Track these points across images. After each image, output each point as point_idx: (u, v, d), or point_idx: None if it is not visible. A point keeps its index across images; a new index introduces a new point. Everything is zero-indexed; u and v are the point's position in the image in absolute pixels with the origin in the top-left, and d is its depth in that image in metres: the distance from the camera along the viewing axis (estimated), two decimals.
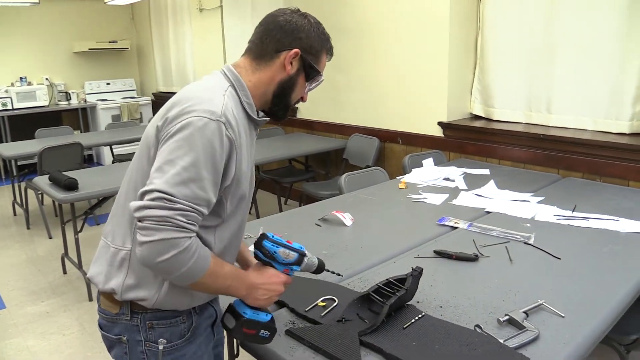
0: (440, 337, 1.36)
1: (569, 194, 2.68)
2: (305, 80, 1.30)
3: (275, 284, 1.25)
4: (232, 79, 1.25)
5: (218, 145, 1.11)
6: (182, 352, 1.28)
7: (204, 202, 1.11)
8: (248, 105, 1.25)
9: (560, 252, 1.93)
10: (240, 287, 1.22)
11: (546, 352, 1.31)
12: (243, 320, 1.23)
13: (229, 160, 1.16)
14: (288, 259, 1.26)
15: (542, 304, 1.53)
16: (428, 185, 2.92)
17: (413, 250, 2.00)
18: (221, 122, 1.12)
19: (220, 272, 1.17)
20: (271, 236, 1.26)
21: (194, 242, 1.10)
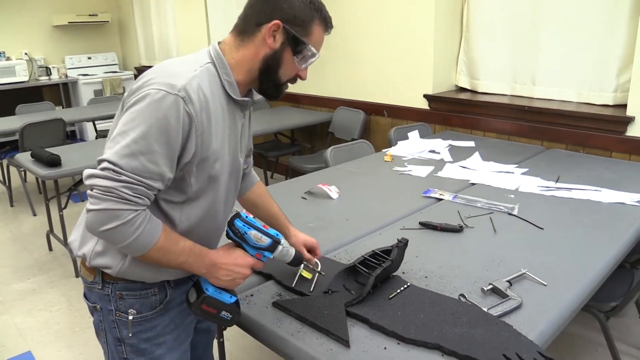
0: (425, 306, 1.38)
1: (552, 165, 2.71)
2: (292, 55, 1.22)
3: (240, 265, 1.21)
4: (214, 55, 1.21)
5: (174, 119, 1.08)
6: (152, 324, 1.27)
7: (156, 175, 1.09)
8: (228, 84, 1.21)
9: (544, 222, 1.96)
10: (199, 264, 1.19)
11: (528, 320, 1.34)
12: (203, 296, 1.20)
13: (188, 137, 1.11)
14: (260, 243, 1.22)
15: (525, 273, 1.56)
16: (414, 157, 2.93)
17: (399, 222, 2.01)
18: (179, 96, 1.08)
19: (172, 248, 1.14)
20: (245, 216, 1.22)
21: (140, 216, 1.08)
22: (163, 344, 1.30)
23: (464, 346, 1.21)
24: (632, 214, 2.02)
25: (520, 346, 1.21)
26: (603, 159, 2.85)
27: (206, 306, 1.20)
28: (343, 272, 1.50)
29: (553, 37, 3.27)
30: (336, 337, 1.27)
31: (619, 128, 2.89)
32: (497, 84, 3.64)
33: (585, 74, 3.17)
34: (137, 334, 1.27)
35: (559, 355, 2.44)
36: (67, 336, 2.74)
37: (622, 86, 3.03)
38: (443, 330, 1.27)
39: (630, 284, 2.05)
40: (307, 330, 1.32)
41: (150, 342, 1.28)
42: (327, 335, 1.29)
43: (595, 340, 2.55)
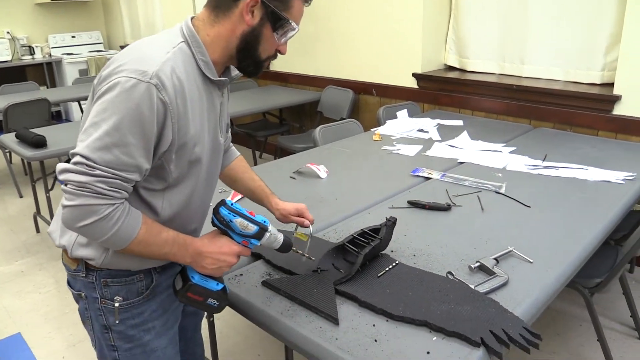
0: (413, 284, 1.40)
1: (539, 144, 2.73)
2: (272, 31, 1.16)
3: (225, 254, 1.18)
4: (187, 34, 1.14)
5: (147, 109, 1.03)
6: (139, 310, 1.25)
7: (132, 167, 1.05)
8: (204, 64, 1.15)
9: (530, 200, 1.98)
10: (183, 254, 1.16)
11: (515, 296, 1.36)
12: (189, 284, 1.18)
13: (164, 125, 1.07)
14: (246, 231, 1.18)
15: (511, 250, 1.58)
16: (402, 136, 2.94)
17: (387, 200, 2.03)
18: (151, 84, 1.03)
19: (154, 239, 1.11)
20: (230, 204, 1.18)
21: (119, 210, 1.05)
22: (151, 329, 1.28)
23: (451, 322, 1.23)
24: (617, 192, 2.05)
25: (506, 322, 1.23)
26: (589, 137, 2.87)
27: (192, 294, 1.19)
28: (332, 251, 1.51)
29: (542, 15, 3.27)
30: (325, 315, 1.29)
31: (606, 107, 2.91)
32: (486, 62, 3.64)
33: (573, 53, 3.18)
34: (124, 321, 1.24)
35: (544, 330, 2.49)
36: (56, 318, 2.74)
37: (610, 65, 3.05)
38: (431, 307, 1.29)
39: (615, 261, 2.09)
40: (297, 308, 1.33)
41: (138, 328, 1.26)
42: (316, 313, 1.30)
43: (579, 315, 2.60)
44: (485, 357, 1.16)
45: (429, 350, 1.16)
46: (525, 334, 1.20)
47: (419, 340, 1.20)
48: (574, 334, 2.47)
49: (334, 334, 1.23)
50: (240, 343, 2.50)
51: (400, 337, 1.21)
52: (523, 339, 1.18)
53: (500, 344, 1.17)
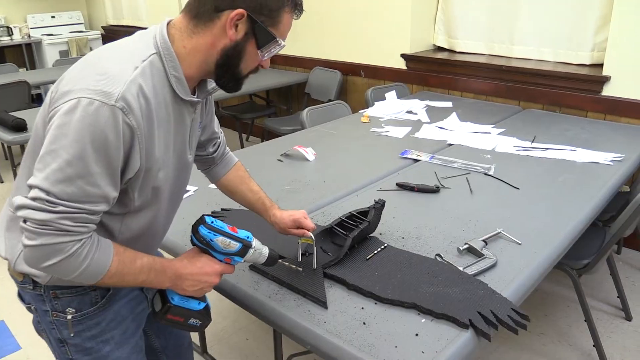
0: (402, 266, 1.41)
1: (528, 125, 2.74)
2: (257, 48, 1.08)
3: (206, 274, 1.12)
4: (161, 45, 1.04)
5: (112, 134, 0.94)
6: (95, 321, 1.18)
7: (99, 198, 0.97)
8: (176, 80, 1.05)
9: (519, 182, 1.99)
10: (162, 279, 1.09)
11: (503, 278, 1.37)
12: (168, 306, 1.12)
13: (130, 151, 0.98)
14: (228, 249, 1.12)
15: (500, 232, 1.60)
16: (391, 118, 2.94)
17: (376, 183, 2.03)
18: (116, 107, 0.93)
19: (128, 270, 1.04)
20: (210, 222, 1.11)
21: (86, 245, 0.97)
22: (110, 340, 1.21)
23: (440, 304, 1.24)
24: (605, 173, 2.07)
25: (494, 303, 1.24)
26: (578, 118, 2.89)
27: (172, 315, 1.14)
28: (320, 234, 1.51)
29: None
30: (314, 298, 1.29)
31: (595, 88, 2.93)
32: (475, 43, 3.64)
33: (563, 33, 3.18)
34: (79, 333, 1.17)
35: (532, 311, 2.53)
36: None
37: (599, 45, 3.06)
38: (419, 289, 1.30)
39: (602, 242, 2.12)
40: (285, 292, 1.34)
41: (95, 340, 1.19)
42: (304, 297, 1.31)
43: (567, 296, 2.64)
44: (474, 338, 1.17)
45: (417, 332, 1.18)
46: (514, 315, 1.21)
47: (408, 323, 1.21)
48: (562, 315, 2.51)
49: (323, 318, 1.23)
50: (228, 328, 2.51)
51: (389, 319, 1.22)
52: (511, 320, 1.20)
53: (488, 326, 1.19)
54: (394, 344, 1.15)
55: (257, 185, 1.47)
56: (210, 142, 1.41)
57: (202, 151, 1.40)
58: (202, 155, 1.41)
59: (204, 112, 1.28)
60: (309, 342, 1.19)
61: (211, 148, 1.41)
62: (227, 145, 1.49)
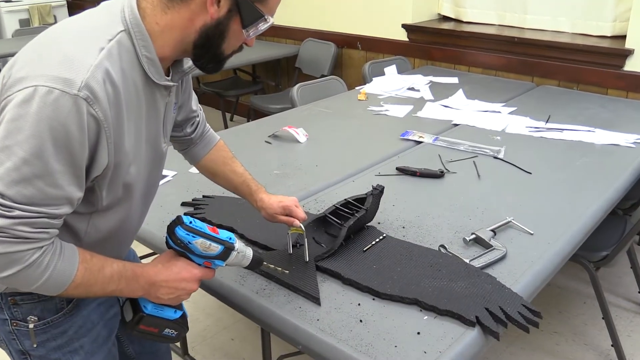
0: (402, 259, 1.42)
1: (543, 104, 2.75)
2: (241, 27, 1.05)
3: (184, 280, 1.09)
4: (130, 21, 0.99)
5: (76, 128, 0.90)
6: (61, 329, 1.15)
7: (61, 200, 0.94)
8: (148, 61, 1.01)
9: (531, 166, 2.00)
10: (133, 288, 1.07)
11: (513, 271, 1.39)
12: (140, 315, 1.10)
13: (97, 146, 0.95)
14: (208, 252, 1.10)
15: (510, 221, 1.61)
16: (390, 95, 2.94)
17: (374, 167, 2.03)
18: (80, 97, 0.89)
19: (95, 279, 1.01)
20: (188, 222, 1.07)
21: (47, 253, 0.94)
22: (79, 349, 1.19)
23: (444, 300, 1.25)
24: (626, 157, 2.08)
25: (504, 299, 1.26)
26: (598, 96, 2.90)
27: (145, 326, 1.12)
28: (312, 224, 1.52)
29: None
30: (305, 294, 1.30)
31: (617, 62, 2.93)
32: (484, 12, 3.63)
33: (581, 2, 3.18)
34: (43, 344, 1.14)
35: (545, 308, 2.55)
36: None
37: (622, 15, 3.06)
38: (421, 283, 1.31)
39: (622, 232, 2.14)
40: (274, 287, 1.34)
41: (62, 350, 1.17)
42: (295, 292, 1.32)
43: (583, 292, 2.66)
44: (481, 337, 1.18)
45: (419, 331, 1.19)
46: (525, 312, 1.22)
47: (409, 320, 1.22)
48: (578, 312, 2.53)
49: (315, 315, 1.24)
50: (211, 327, 2.53)
51: (388, 316, 1.23)
52: (522, 317, 1.21)
53: (497, 323, 1.20)
54: (393, 343, 1.16)
55: (241, 166, 1.46)
56: (187, 122, 1.39)
57: (178, 132, 1.38)
58: (179, 136, 1.40)
59: (179, 92, 1.26)
60: (300, 342, 1.20)
61: (189, 128, 1.40)
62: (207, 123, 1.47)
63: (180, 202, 1.75)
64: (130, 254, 1.41)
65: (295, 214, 1.40)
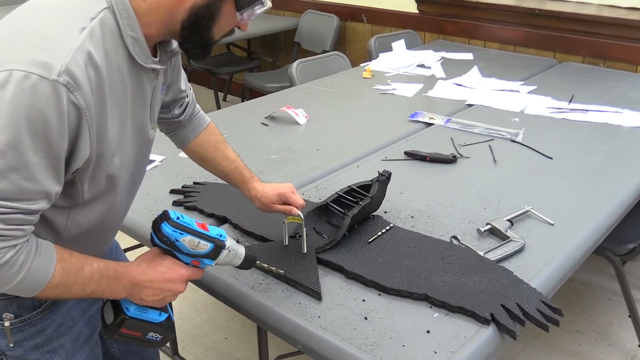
0: (411, 251, 1.43)
1: (566, 82, 2.75)
2: (235, 9, 1.05)
3: (170, 281, 1.10)
4: None
5: (55, 117, 0.89)
6: (39, 327, 1.15)
7: (38, 194, 0.93)
8: (133, 42, 1.01)
9: (553, 150, 2.00)
10: (115, 288, 1.07)
11: (532, 265, 1.39)
12: (122, 318, 1.10)
13: (78, 137, 0.94)
14: (197, 251, 1.10)
15: (529, 210, 1.61)
16: (399, 73, 2.93)
17: (380, 151, 2.04)
18: (59, 83, 0.88)
19: (74, 279, 1.01)
20: (175, 218, 1.07)
21: (23, 251, 0.94)
22: (59, 348, 1.19)
23: (456, 296, 1.26)
24: None
25: (521, 295, 1.26)
26: (627, 74, 2.89)
27: (127, 329, 1.12)
28: (313, 213, 1.52)
29: None
30: (306, 289, 1.30)
31: None
32: None
33: None
34: (20, 343, 1.14)
35: (566, 305, 2.56)
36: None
37: None
38: (432, 278, 1.32)
39: None
40: (271, 281, 1.35)
41: (41, 350, 1.17)
42: (294, 287, 1.32)
43: (608, 287, 2.67)
44: (496, 336, 1.19)
45: (429, 329, 1.19)
46: (544, 309, 1.23)
47: (418, 318, 1.23)
48: (602, 310, 2.54)
49: (316, 312, 1.25)
50: (203, 325, 2.54)
51: (395, 313, 1.24)
52: (541, 315, 1.22)
53: (513, 321, 1.20)
54: (400, 342, 1.16)
55: (233, 152, 1.46)
56: (175, 103, 1.39)
57: (165, 113, 1.38)
58: (167, 118, 1.40)
59: (168, 71, 1.26)
60: (299, 341, 1.21)
61: (177, 110, 1.40)
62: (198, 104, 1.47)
63: (168, 189, 1.76)
64: (112, 246, 1.42)
65: (292, 200, 1.40)
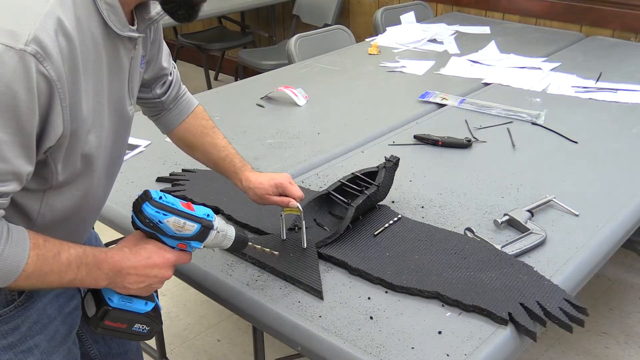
0: (421, 245, 1.43)
1: (593, 59, 2.74)
2: None
3: (155, 266, 1.10)
4: None
5: (23, 90, 0.89)
6: (12, 325, 1.15)
7: (7, 175, 0.93)
8: (109, 9, 1.01)
9: (578, 134, 2.00)
10: (96, 276, 1.07)
11: (554, 259, 1.39)
12: (105, 309, 1.10)
13: (49, 112, 0.95)
14: (183, 232, 1.10)
15: (551, 200, 1.61)
16: (408, 49, 2.93)
17: (387, 135, 2.04)
18: (27, 53, 0.88)
19: (50, 267, 1.01)
20: (158, 198, 1.08)
21: None
22: (34, 348, 1.19)
23: (471, 294, 1.26)
24: None
25: (542, 292, 1.26)
26: None
27: (111, 322, 1.12)
28: (314, 203, 1.53)
29: None
30: (305, 286, 1.31)
31: None
32: None
33: None
34: None
35: (592, 303, 2.57)
36: None
37: None
38: (444, 274, 1.32)
39: None
40: (267, 278, 1.35)
41: (14, 350, 1.16)
42: (293, 284, 1.33)
43: (638, 285, 2.68)
44: (515, 337, 1.19)
45: (440, 330, 1.20)
46: (568, 308, 1.23)
47: (428, 317, 1.23)
48: (632, 310, 2.55)
49: (317, 311, 1.25)
50: (193, 325, 2.55)
51: (404, 313, 1.25)
52: (564, 314, 1.22)
53: (534, 321, 1.21)
54: (409, 344, 1.17)
55: (224, 138, 1.46)
56: (157, 81, 1.39)
57: (146, 93, 1.38)
58: (148, 99, 1.40)
59: (147, 42, 1.25)
60: (299, 343, 1.21)
61: (159, 89, 1.40)
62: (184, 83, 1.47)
63: (154, 177, 1.76)
64: (92, 238, 1.42)
65: (289, 192, 1.40)
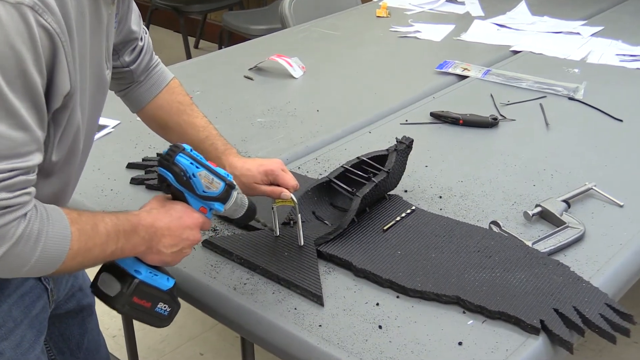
0: (438, 241, 1.43)
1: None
2: None
3: (187, 227, 1.16)
4: None
5: (25, 47, 0.92)
6: None
7: (32, 146, 0.97)
8: None
9: (623, 111, 2.00)
10: (134, 242, 1.12)
11: (594, 257, 1.40)
12: (135, 282, 1.14)
13: (55, 66, 0.99)
14: (210, 190, 1.17)
15: (591, 188, 1.61)
16: (423, 10, 2.92)
17: (398, 113, 2.04)
18: (25, 5, 0.91)
19: (93, 242, 1.05)
20: (189, 150, 1.16)
21: (36, 220, 0.98)
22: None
23: (497, 299, 1.26)
24: None
25: (580, 297, 1.27)
26: None
27: (139, 298, 1.15)
28: (312, 192, 1.53)
29: None
30: (303, 291, 1.31)
31: None
32: None
33: None
34: None
35: (639, 310, 2.57)
36: None
37: None
38: (465, 275, 1.33)
39: None
40: (258, 281, 1.36)
41: None
42: (288, 288, 1.33)
43: None
44: (548, 348, 1.20)
45: (461, 340, 1.20)
46: (610, 315, 1.23)
47: (447, 326, 1.24)
48: None
49: (317, 319, 1.26)
50: (172, 338, 2.56)
51: (418, 321, 1.25)
52: (606, 322, 1.22)
53: (570, 330, 1.21)
54: (425, 357, 1.17)
55: (204, 117, 1.47)
56: (126, 47, 1.40)
57: (114, 60, 1.38)
58: (115, 67, 1.39)
59: None
60: (295, 356, 1.22)
61: (127, 56, 1.40)
62: (157, 53, 1.47)
63: (125, 163, 1.76)
64: None
65: (282, 180, 1.40)
